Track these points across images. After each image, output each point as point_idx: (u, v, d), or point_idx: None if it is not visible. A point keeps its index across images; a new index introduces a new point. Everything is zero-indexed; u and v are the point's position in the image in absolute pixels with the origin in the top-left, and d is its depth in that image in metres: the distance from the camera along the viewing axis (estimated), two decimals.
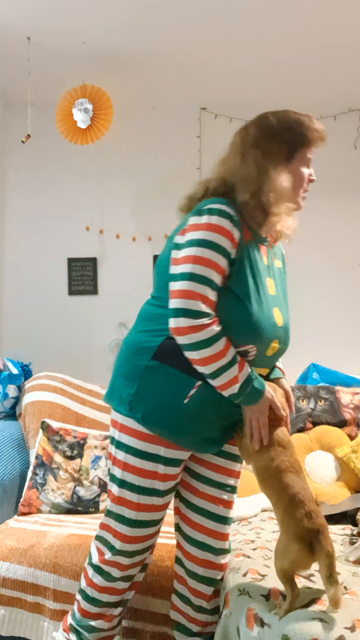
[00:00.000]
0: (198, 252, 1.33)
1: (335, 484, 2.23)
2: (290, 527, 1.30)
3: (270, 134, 1.46)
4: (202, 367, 1.34)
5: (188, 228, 1.39)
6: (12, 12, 2.46)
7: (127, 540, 1.48)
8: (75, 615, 1.57)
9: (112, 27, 2.57)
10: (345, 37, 2.62)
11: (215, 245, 1.34)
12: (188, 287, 1.32)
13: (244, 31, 2.58)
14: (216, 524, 1.55)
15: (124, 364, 1.48)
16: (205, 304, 1.32)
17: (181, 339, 1.33)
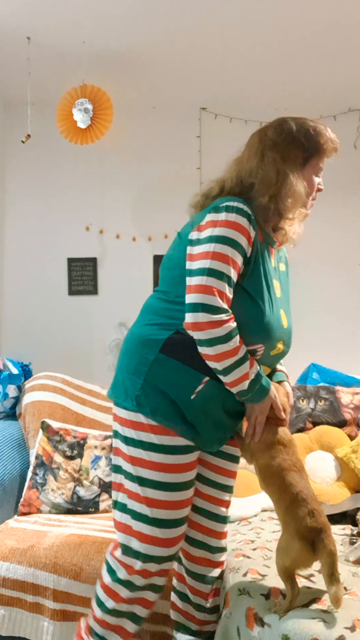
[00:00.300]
0: (217, 248, 1.34)
1: (335, 484, 2.23)
2: (292, 526, 1.30)
3: (289, 138, 1.46)
4: (216, 363, 1.34)
5: (205, 225, 1.39)
6: (12, 12, 2.46)
7: (163, 544, 1.40)
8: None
9: (112, 27, 2.57)
10: (345, 37, 2.62)
11: (233, 241, 1.35)
12: (206, 282, 1.32)
13: (244, 31, 2.58)
14: (216, 524, 1.56)
15: (130, 358, 1.44)
16: (223, 300, 1.32)
17: (198, 334, 1.32)
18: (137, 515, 1.40)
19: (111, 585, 1.44)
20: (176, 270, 1.43)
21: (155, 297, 1.51)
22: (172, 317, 1.40)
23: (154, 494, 1.39)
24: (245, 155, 1.52)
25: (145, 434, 1.39)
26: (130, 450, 1.42)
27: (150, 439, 1.39)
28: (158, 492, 1.39)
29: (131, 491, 1.41)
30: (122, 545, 1.43)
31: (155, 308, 1.48)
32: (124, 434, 1.43)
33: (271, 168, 1.43)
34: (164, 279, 1.51)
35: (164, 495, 1.39)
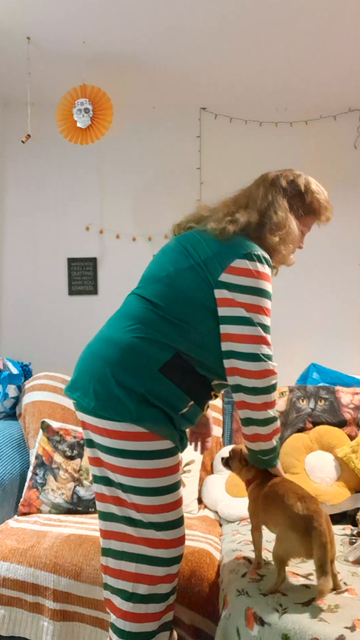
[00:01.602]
0: (260, 301, 1.44)
1: (335, 484, 2.23)
2: (286, 515, 1.34)
3: (298, 194, 1.60)
4: (256, 412, 1.43)
5: (238, 270, 1.44)
6: (12, 12, 2.46)
7: (172, 545, 1.43)
8: None
9: (112, 27, 2.57)
10: (346, 37, 2.62)
11: (269, 294, 1.47)
12: (258, 333, 1.42)
13: (244, 31, 2.58)
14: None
15: (125, 371, 1.40)
16: (270, 349, 1.45)
17: (252, 381, 1.41)
18: (149, 525, 1.41)
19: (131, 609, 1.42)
20: (184, 294, 1.46)
21: (147, 308, 1.48)
22: (173, 338, 1.44)
23: (161, 500, 1.41)
24: (255, 194, 1.61)
25: (139, 443, 1.39)
26: (123, 462, 1.40)
27: (144, 447, 1.40)
28: (163, 497, 1.41)
29: (138, 504, 1.40)
30: (142, 556, 1.41)
31: (151, 320, 1.45)
32: (114, 446, 1.40)
33: (282, 212, 1.55)
34: (166, 296, 1.47)
35: (169, 498, 1.42)
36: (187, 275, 1.47)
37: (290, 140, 3.30)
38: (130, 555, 1.43)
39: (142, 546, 1.41)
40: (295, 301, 3.26)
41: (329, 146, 3.31)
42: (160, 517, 1.41)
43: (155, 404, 1.40)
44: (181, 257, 1.51)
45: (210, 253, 1.47)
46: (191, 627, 1.68)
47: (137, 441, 1.39)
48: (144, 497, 1.40)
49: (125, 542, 1.43)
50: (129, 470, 1.39)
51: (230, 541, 1.85)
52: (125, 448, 1.39)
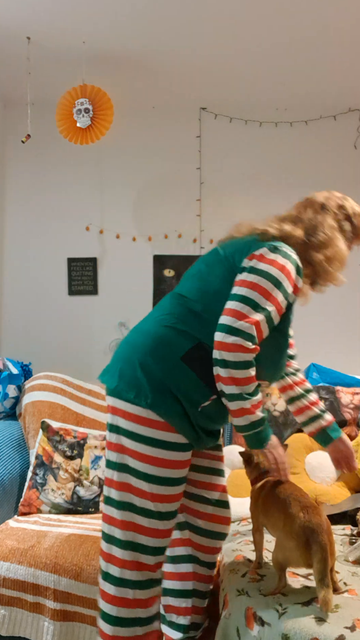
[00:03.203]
0: (261, 282, 1.40)
1: (335, 484, 2.23)
2: (289, 524, 1.32)
3: (347, 216, 1.62)
4: (224, 386, 1.39)
5: (257, 256, 1.45)
6: (12, 12, 2.46)
7: (155, 535, 1.44)
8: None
9: (112, 27, 2.57)
10: (346, 37, 2.62)
11: (278, 282, 1.42)
12: (241, 310, 1.38)
13: (243, 31, 2.58)
14: (211, 476, 1.64)
15: (147, 355, 1.44)
16: (256, 329, 1.38)
17: (220, 353, 1.37)
18: (141, 510, 1.42)
19: (113, 592, 1.43)
20: (211, 287, 1.48)
21: (180, 303, 1.52)
22: (197, 329, 1.45)
23: (159, 489, 1.42)
24: (305, 215, 1.60)
25: (153, 431, 1.41)
26: (138, 446, 1.42)
27: (157, 435, 1.41)
28: (162, 487, 1.42)
29: (137, 488, 1.42)
30: (124, 541, 1.43)
31: (179, 313, 1.49)
32: (130, 429, 1.43)
33: (330, 232, 1.56)
34: (195, 289, 1.52)
35: (167, 490, 1.43)
36: (215, 269, 1.51)
37: (290, 140, 3.30)
38: (119, 540, 1.45)
39: (133, 532, 1.43)
40: None
41: (329, 146, 3.31)
42: (154, 505, 1.42)
43: (174, 393, 1.41)
44: (213, 255, 1.57)
45: (240, 246, 1.51)
46: None
47: (150, 427, 1.41)
48: (145, 483, 1.42)
49: (114, 527, 1.45)
50: (137, 454, 1.42)
51: (230, 541, 1.85)
52: (139, 432, 1.42)
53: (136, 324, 1.61)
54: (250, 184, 3.29)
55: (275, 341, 1.47)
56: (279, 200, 3.30)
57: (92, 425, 2.56)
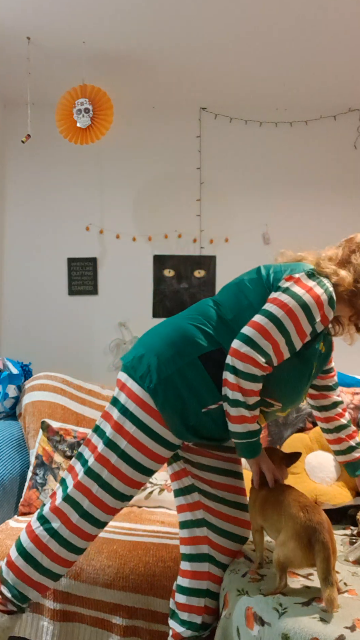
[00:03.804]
0: (292, 304, 1.42)
1: (335, 484, 2.23)
2: (289, 525, 1.32)
3: None
4: (228, 390, 1.42)
5: (295, 279, 1.47)
6: (12, 12, 2.46)
7: (107, 511, 1.52)
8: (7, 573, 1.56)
9: (112, 27, 2.57)
10: (345, 37, 2.62)
11: (309, 310, 1.42)
12: (265, 325, 1.40)
13: (243, 31, 2.58)
14: (234, 479, 1.64)
15: (168, 345, 1.49)
16: (273, 348, 1.40)
17: (235, 361, 1.39)
18: (97, 478, 1.50)
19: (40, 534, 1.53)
20: (246, 300, 1.51)
21: (214, 307, 1.56)
22: (222, 335, 1.49)
23: (121, 465, 1.48)
24: (355, 260, 1.56)
25: (144, 414, 1.47)
26: (121, 419, 1.49)
27: (148, 421, 1.47)
28: (126, 466, 1.48)
29: (102, 455, 1.50)
30: (68, 496, 1.52)
31: (210, 317, 1.53)
32: (126, 405, 1.49)
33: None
34: (231, 299, 1.56)
35: (131, 471, 1.49)
36: (253, 285, 1.54)
37: (290, 140, 3.30)
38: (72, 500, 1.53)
39: (87, 499, 1.51)
40: None
41: (329, 146, 3.31)
42: (109, 478, 1.49)
43: (180, 390, 1.45)
44: (255, 272, 1.58)
45: (282, 268, 1.54)
46: None
47: (142, 410, 1.47)
48: (115, 457, 1.49)
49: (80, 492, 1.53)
50: (122, 429, 1.48)
51: None
52: (131, 410, 1.48)
53: (136, 324, 1.64)
54: (250, 184, 3.29)
55: (294, 367, 1.47)
56: (278, 200, 3.32)
57: (92, 425, 2.56)
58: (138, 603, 1.75)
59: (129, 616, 1.75)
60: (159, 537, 1.92)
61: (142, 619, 1.75)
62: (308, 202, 3.30)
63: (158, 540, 1.90)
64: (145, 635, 1.75)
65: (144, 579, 1.75)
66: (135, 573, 1.77)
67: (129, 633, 1.75)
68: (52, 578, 1.56)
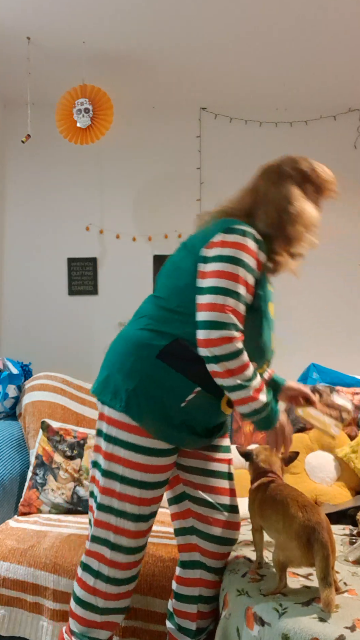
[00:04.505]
0: (226, 267, 1.38)
1: (335, 484, 2.23)
2: (288, 525, 1.32)
3: (304, 176, 1.56)
4: (222, 380, 1.37)
5: (216, 243, 1.43)
6: (12, 12, 2.46)
7: (133, 536, 1.46)
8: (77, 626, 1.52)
9: (112, 27, 2.57)
10: (345, 37, 2.62)
11: (243, 262, 1.40)
12: (216, 301, 1.36)
13: (243, 31, 2.58)
14: (220, 481, 1.60)
15: (124, 358, 1.47)
16: (235, 316, 1.36)
17: (209, 350, 1.35)
18: (112, 510, 1.46)
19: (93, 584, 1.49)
20: (181, 281, 1.47)
21: (154, 303, 1.53)
22: (172, 326, 1.44)
23: (127, 490, 1.44)
24: (259, 184, 1.59)
25: (128, 434, 1.43)
26: (109, 447, 1.45)
27: (133, 440, 1.42)
28: (137, 489, 1.44)
29: (106, 488, 1.46)
30: (94, 537, 1.49)
31: (154, 314, 1.50)
32: (108, 433, 1.46)
33: (291, 200, 1.51)
34: (166, 286, 1.53)
35: (139, 492, 1.44)
36: (182, 264, 1.51)
37: (290, 140, 3.30)
38: (93, 536, 1.50)
39: (109, 532, 1.47)
40: (296, 301, 3.26)
41: (329, 146, 3.31)
42: (119, 504, 1.45)
43: (152, 396, 1.41)
44: (180, 250, 1.57)
45: (201, 237, 1.50)
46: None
47: (124, 430, 1.43)
48: (118, 484, 1.44)
49: (94, 526, 1.49)
50: (113, 457, 1.44)
51: None
52: (114, 435, 1.44)
53: None
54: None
55: (253, 322, 1.44)
56: None
57: (92, 425, 2.56)
58: (137, 603, 1.75)
59: (128, 616, 1.75)
60: (158, 537, 1.92)
61: (140, 619, 1.75)
62: None
63: (157, 540, 1.90)
64: (144, 636, 1.74)
65: (142, 579, 1.75)
66: None
67: (128, 633, 1.75)
68: (115, 614, 1.51)
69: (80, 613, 1.49)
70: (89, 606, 1.48)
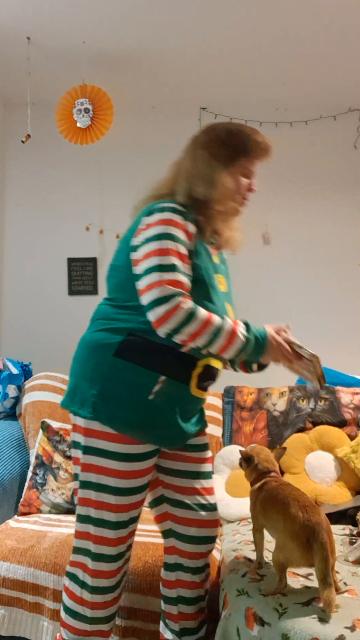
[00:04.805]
0: (154, 245, 1.37)
1: (335, 484, 2.23)
2: (288, 525, 1.32)
3: (217, 139, 1.53)
4: (193, 343, 1.36)
5: (141, 229, 1.44)
6: (12, 12, 2.46)
7: (114, 543, 1.44)
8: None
9: (112, 27, 2.57)
10: (346, 37, 2.62)
11: (169, 235, 1.38)
12: (153, 279, 1.34)
13: (243, 31, 2.58)
14: (197, 480, 1.58)
15: (84, 364, 1.46)
16: (174, 286, 1.33)
17: (164, 326, 1.32)
18: (90, 520, 1.44)
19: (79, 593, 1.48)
20: (121, 276, 1.49)
21: (104, 304, 1.54)
22: (122, 320, 1.44)
23: (102, 497, 1.42)
24: (180, 159, 1.60)
25: (102, 442, 1.40)
26: (84, 457, 1.43)
27: (108, 447, 1.40)
28: (112, 496, 1.41)
29: (83, 498, 1.46)
30: (76, 548, 1.48)
31: (105, 314, 1.50)
32: (81, 442, 1.43)
33: (201, 166, 1.50)
34: (111, 287, 1.56)
35: (114, 499, 1.41)
36: (118, 261, 1.53)
37: (290, 140, 3.30)
38: (75, 547, 1.50)
39: (89, 542, 1.45)
40: (295, 301, 3.26)
41: (329, 146, 3.31)
42: (97, 513, 1.43)
43: (117, 394, 1.39)
44: (122, 241, 1.57)
45: (131, 228, 1.52)
46: None
47: (98, 439, 1.40)
48: (93, 492, 1.43)
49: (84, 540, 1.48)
50: (87, 466, 1.43)
51: (230, 541, 1.85)
52: (89, 445, 1.42)
53: None
54: None
55: (198, 293, 1.40)
56: (278, 200, 3.31)
57: None
58: (137, 603, 1.75)
59: (128, 616, 1.75)
60: (158, 537, 1.92)
61: (140, 619, 1.75)
62: (308, 202, 3.30)
63: (157, 540, 1.89)
64: (143, 636, 1.74)
65: (142, 579, 1.75)
66: (134, 573, 1.77)
67: (128, 633, 1.75)
68: (103, 622, 1.49)
69: (70, 622, 1.48)
70: (78, 616, 1.47)
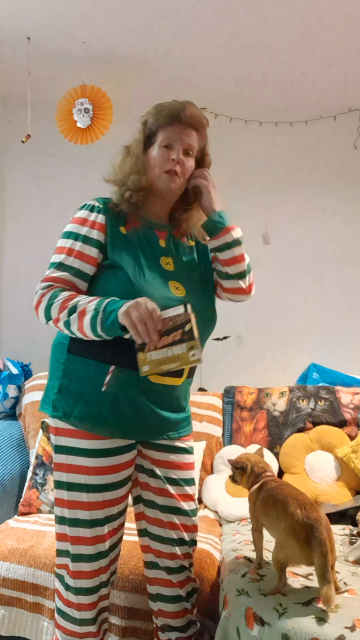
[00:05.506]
0: (60, 243, 1.57)
1: (335, 484, 2.23)
2: (287, 523, 1.32)
3: (140, 126, 1.70)
4: (57, 327, 1.43)
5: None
6: (12, 12, 2.46)
7: (91, 542, 1.43)
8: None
9: (112, 27, 2.57)
10: (345, 37, 2.62)
11: (70, 234, 1.54)
12: (47, 274, 1.53)
13: (243, 31, 2.58)
14: (175, 487, 1.55)
15: (50, 364, 1.53)
16: (46, 281, 1.49)
17: (39, 317, 1.45)
18: (65, 520, 1.43)
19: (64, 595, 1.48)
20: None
21: None
22: None
23: (74, 496, 1.41)
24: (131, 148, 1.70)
25: (67, 439, 1.41)
26: (55, 457, 1.45)
27: (72, 444, 1.41)
28: (84, 494, 1.40)
29: (57, 498, 1.45)
30: (57, 550, 1.48)
31: None
32: (53, 442, 1.46)
33: (123, 157, 1.69)
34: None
35: (85, 496, 1.40)
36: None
37: (290, 140, 3.30)
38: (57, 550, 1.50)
39: (67, 543, 1.45)
40: (295, 301, 3.26)
41: (329, 146, 3.31)
42: (69, 512, 1.42)
43: (72, 390, 1.41)
44: None
45: None
46: None
47: (65, 437, 1.42)
48: (65, 492, 1.43)
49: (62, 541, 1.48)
50: (58, 465, 1.44)
51: (230, 541, 1.85)
52: (59, 444, 1.44)
53: None
54: (250, 183, 3.29)
55: (112, 276, 1.46)
56: (279, 200, 3.32)
57: None
58: (137, 604, 1.75)
59: (128, 617, 1.75)
60: None
61: (140, 619, 1.75)
62: (308, 202, 3.30)
63: None
64: (143, 636, 1.74)
65: (143, 579, 1.75)
66: (134, 573, 1.77)
67: (128, 633, 1.75)
68: (90, 624, 1.47)
69: (63, 624, 1.49)
70: (68, 617, 1.48)
